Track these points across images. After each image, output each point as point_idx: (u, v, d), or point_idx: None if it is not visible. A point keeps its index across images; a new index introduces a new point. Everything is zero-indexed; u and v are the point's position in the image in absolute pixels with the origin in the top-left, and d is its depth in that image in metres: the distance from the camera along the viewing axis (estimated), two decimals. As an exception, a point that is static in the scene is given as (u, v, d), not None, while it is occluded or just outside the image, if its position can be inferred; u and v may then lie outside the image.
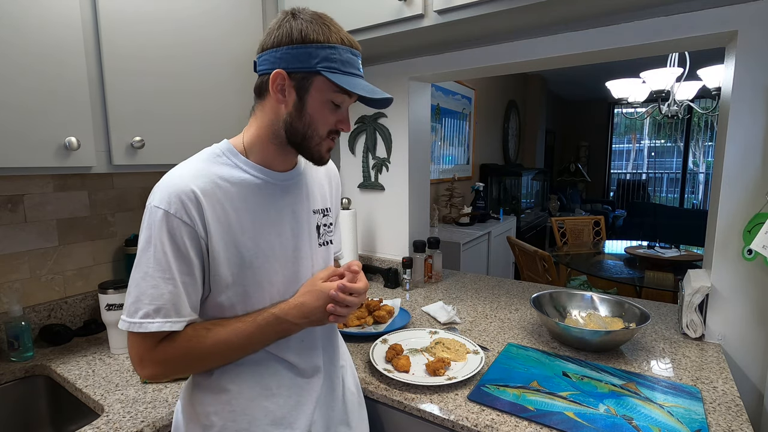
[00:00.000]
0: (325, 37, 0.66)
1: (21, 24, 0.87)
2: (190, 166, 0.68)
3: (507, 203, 4.22)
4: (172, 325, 0.64)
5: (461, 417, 0.83)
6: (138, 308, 0.63)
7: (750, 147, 1.05)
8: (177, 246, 0.63)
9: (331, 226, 0.84)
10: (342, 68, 0.67)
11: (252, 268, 0.69)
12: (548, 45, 1.29)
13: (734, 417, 0.82)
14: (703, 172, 6.62)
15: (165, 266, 0.63)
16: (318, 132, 0.70)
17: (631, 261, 2.74)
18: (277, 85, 0.67)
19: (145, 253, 0.64)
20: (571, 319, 1.25)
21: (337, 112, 0.71)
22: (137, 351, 0.65)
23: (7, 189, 1.12)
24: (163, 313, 0.63)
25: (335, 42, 0.66)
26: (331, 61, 0.66)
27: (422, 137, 1.76)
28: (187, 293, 0.65)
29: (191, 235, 0.64)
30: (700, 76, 2.48)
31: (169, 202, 0.63)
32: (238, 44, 1.29)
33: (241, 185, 0.69)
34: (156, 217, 0.63)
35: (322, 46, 0.65)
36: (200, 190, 0.65)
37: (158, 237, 0.63)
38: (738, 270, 1.10)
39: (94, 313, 1.29)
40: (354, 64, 0.68)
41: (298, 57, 0.66)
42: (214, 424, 0.71)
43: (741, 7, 1.03)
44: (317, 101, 0.68)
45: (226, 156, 0.71)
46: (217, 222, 0.66)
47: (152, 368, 0.66)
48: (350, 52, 0.68)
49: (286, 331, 0.71)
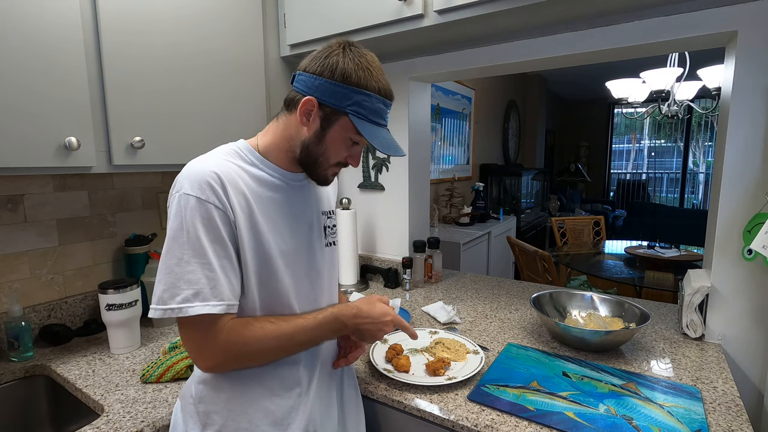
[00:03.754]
0: (364, 83, 0.69)
1: (21, 24, 0.87)
2: (211, 158, 0.70)
3: (507, 203, 4.21)
4: (211, 308, 0.63)
5: (461, 417, 0.83)
6: (174, 294, 0.63)
7: (750, 147, 1.05)
8: (212, 230, 0.65)
9: (334, 228, 0.87)
10: (369, 116, 0.70)
11: (268, 259, 0.71)
12: (548, 45, 1.29)
13: (734, 417, 0.82)
14: (703, 172, 6.62)
15: (200, 251, 0.64)
16: (329, 161, 0.74)
17: (631, 261, 2.74)
18: (305, 110, 0.70)
19: (177, 240, 0.64)
20: (571, 319, 1.25)
21: (351, 149, 0.75)
22: (195, 341, 0.65)
23: (7, 189, 1.12)
24: (201, 297, 0.63)
25: (372, 90, 0.69)
26: (361, 106, 0.69)
27: (422, 137, 1.76)
28: (226, 277, 0.66)
29: (223, 218, 0.66)
30: (700, 76, 2.48)
31: (200, 188, 0.64)
32: (239, 43, 1.29)
33: (258, 180, 0.72)
34: (188, 204, 0.64)
35: (358, 91, 0.69)
36: (225, 176, 0.67)
37: (191, 223, 0.64)
38: (738, 270, 1.10)
39: (94, 313, 1.29)
40: (382, 114, 0.72)
41: (334, 93, 0.69)
42: (213, 423, 0.71)
43: (741, 7, 1.03)
44: (337, 137, 0.72)
45: (244, 153, 0.73)
46: (240, 209, 0.68)
47: (214, 358, 0.66)
48: (382, 102, 0.71)
49: (338, 330, 0.75)
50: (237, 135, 0.77)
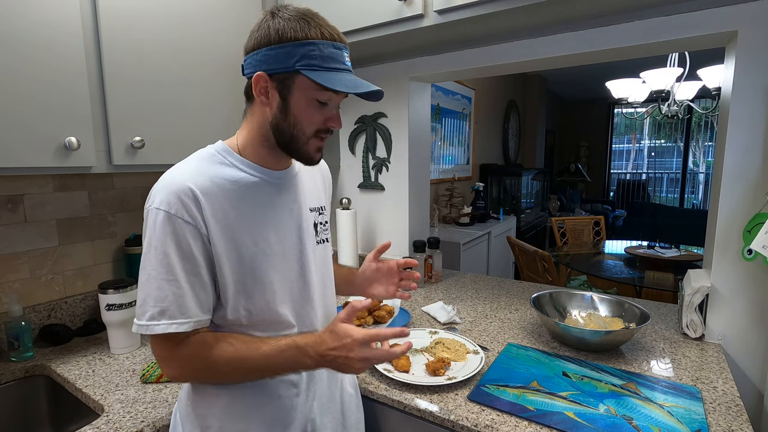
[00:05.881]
0: (303, 33, 0.63)
1: (20, 24, 0.87)
2: (186, 167, 0.68)
3: (507, 203, 4.21)
4: (177, 326, 0.63)
5: (461, 417, 0.83)
6: (144, 311, 0.63)
7: (750, 147, 1.05)
8: (180, 246, 0.63)
9: (326, 224, 0.84)
10: (323, 64, 0.64)
11: (251, 267, 0.69)
12: (548, 45, 1.29)
13: (734, 417, 0.82)
14: (703, 172, 6.62)
15: (168, 268, 0.63)
16: (304, 132, 0.68)
17: (631, 261, 2.74)
18: (260, 88, 0.67)
19: (147, 255, 0.63)
20: (571, 319, 1.25)
21: (325, 110, 0.69)
22: (158, 352, 0.66)
23: (7, 189, 1.12)
24: (168, 314, 0.63)
25: (314, 37, 0.64)
26: (310, 58, 0.64)
27: (422, 137, 1.76)
28: (194, 293, 0.65)
29: (194, 234, 0.64)
30: (700, 76, 2.48)
31: (169, 202, 0.62)
32: (239, 42, 1.28)
33: (238, 183, 0.69)
34: (157, 219, 0.63)
35: (300, 44, 0.63)
36: (198, 188, 0.64)
37: (160, 239, 0.62)
38: (738, 270, 1.10)
39: (94, 313, 1.29)
40: (337, 58, 0.65)
41: (278, 57, 0.64)
42: (211, 426, 0.71)
43: (741, 7, 1.03)
44: (301, 101, 0.66)
45: (221, 155, 0.71)
46: (215, 220, 0.65)
47: (172, 370, 0.66)
48: (332, 46, 0.65)
49: (303, 363, 0.66)
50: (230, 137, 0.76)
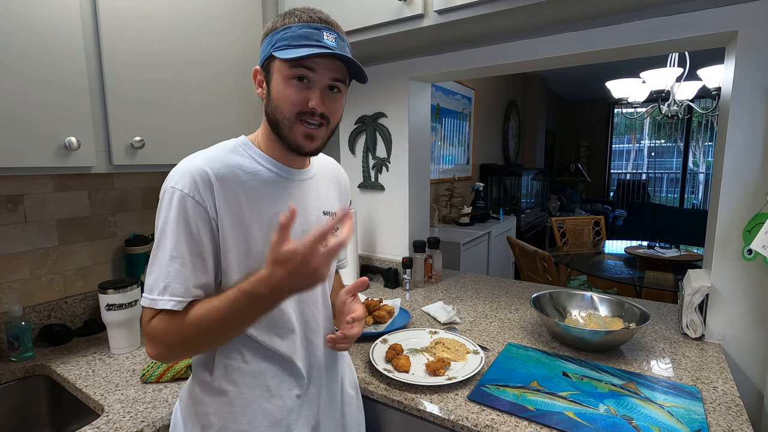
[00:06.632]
0: (282, 23, 0.68)
1: (20, 24, 0.87)
2: (207, 153, 0.70)
3: (507, 203, 4.21)
4: (175, 303, 0.64)
5: (461, 417, 0.83)
6: (152, 287, 0.64)
7: (750, 147, 1.05)
8: (188, 226, 0.64)
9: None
10: (293, 43, 0.65)
11: (258, 260, 0.69)
12: (548, 45, 1.29)
13: (734, 417, 0.82)
14: (703, 172, 6.62)
15: (175, 245, 0.64)
16: (285, 114, 0.68)
17: (631, 261, 2.74)
18: (257, 82, 0.73)
19: (162, 233, 0.65)
20: (571, 319, 1.25)
21: (305, 91, 0.67)
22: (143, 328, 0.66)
23: (7, 189, 1.12)
24: (169, 291, 0.64)
25: (290, 23, 0.67)
26: (282, 40, 0.67)
27: (422, 137, 1.76)
28: (195, 274, 0.65)
29: (203, 216, 0.65)
30: (700, 76, 2.48)
31: (183, 182, 0.65)
32: (239, 42, 1.29)
33: (255, 176, 0.71)
34: (171, 198, 0.64)
35: (278, 32, 0.68)
36: (214, 173, 0.66)
37: (172, 217, 0.64)
38: (738, 270, 1.10)
39: (94, 313, 1.29)
40: (311, 36, 0.65)
41: (264, 50, 0.70)
42: (213, 425, 0.71)
43: (741, 7, 1.03)
44: (278, 83, 0.68)
45: (242, 148, 0.73)
46: (228, 207, 0.67)
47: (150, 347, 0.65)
48: (308, 27, 0.66)
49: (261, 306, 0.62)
50: (239, 134, 0.76)
